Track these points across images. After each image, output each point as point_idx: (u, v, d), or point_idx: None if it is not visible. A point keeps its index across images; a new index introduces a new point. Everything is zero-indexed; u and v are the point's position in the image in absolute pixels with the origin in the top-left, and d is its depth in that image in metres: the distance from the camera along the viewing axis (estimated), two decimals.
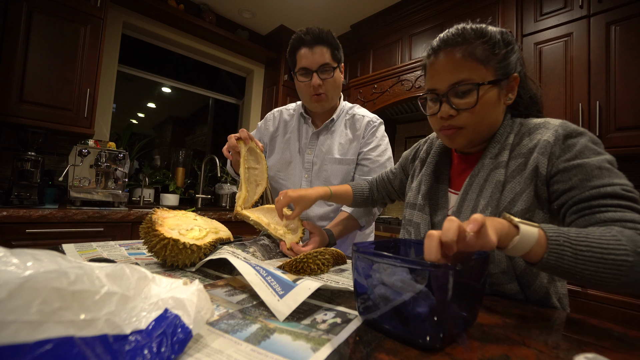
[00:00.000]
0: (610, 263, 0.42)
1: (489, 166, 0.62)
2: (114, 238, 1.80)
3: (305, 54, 1.01)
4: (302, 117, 1.15)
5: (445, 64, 0.60)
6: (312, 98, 1.05)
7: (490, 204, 0.59)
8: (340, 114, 1.14)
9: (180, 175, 2.72)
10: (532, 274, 0.58)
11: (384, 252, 0.39)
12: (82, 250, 0.71)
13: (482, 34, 0.58)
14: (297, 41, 1.02)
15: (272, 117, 1.21)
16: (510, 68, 0.60)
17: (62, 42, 1.85)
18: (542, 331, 0.41)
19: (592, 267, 0.42)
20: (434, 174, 0.75)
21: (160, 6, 2.37)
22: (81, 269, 0.28)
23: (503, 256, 0.58)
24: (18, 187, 1.76)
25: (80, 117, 1.91)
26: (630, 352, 0.36)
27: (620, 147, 1.53)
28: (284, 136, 1.16)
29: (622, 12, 1.57)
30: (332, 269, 0.69)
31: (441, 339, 0.34)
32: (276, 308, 0.40)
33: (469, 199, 0.63)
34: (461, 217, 0.63)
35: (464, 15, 2.18)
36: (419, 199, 0.74)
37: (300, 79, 1.04)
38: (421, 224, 0.72)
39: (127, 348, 0.27)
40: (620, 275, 0.42)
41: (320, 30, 1.01)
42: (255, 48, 2.89)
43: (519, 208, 0.57)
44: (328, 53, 1.01)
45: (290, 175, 1.13)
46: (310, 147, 1.12)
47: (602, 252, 0.42)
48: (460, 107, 0.59)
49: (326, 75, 1.02)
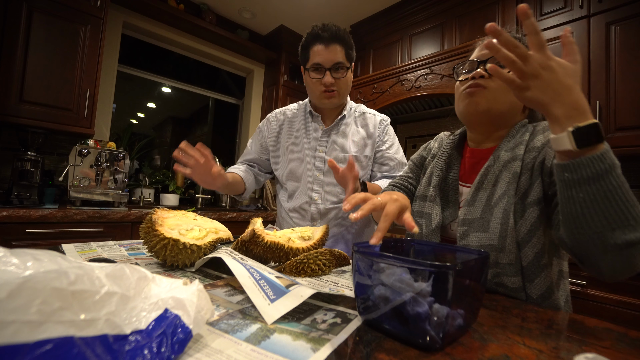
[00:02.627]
0: (620, 207, 0.43)
1: (504, 158, 0.64)
2: (114, 238, 1.80)
3: (320, 51, 1.00)
4: (310, 115, 1.14)
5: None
6: (323, 94, 1.04)
7: (507, 193, 0.61)
8: (349, 111, 1.14)
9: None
10: (537, 268, 0.59)
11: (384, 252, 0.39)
12: (82, 250, 0.71)
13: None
14: (313, 37, 1.01)
15: (275, 118, 1.19)
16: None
17: (62, 42, 1.85)
18: (542, 331, 0.41)
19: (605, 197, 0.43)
20: (446, 166, 0.75)
21: (160, 6, 2.37)
22: (81, 269, 0.28)
23: (514, 246, 0.59)
24: (18, 187, 1.76)
25: (80, 117, 1.90)
26: (630, 352, 0.36)
27: (620, 147, 1.53)
28: (289, 137, 1.15)
29: (622, 12, 1.57)
30: (334, 270, 0.69)
31: (441, 339, 0.34)
32: (265, 312, 0.40)
33: (484, 188, 0.65)
34: (474, 205, 0.65)
35: (464, 15, 2.18)
36: (430, 190, 0.74)
37: (313, 75, 1.03)
38: (432, 214, 0.72)
39: (127, 348, 0.27)
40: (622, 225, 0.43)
41: (338, 28, 1.00)
42: (255, 48, 2.89)
43: (533, 198, 0.59)
44: (342, 52, 1.01)
45: (303, 175, 1.12)
46: (322, 145, 1.11)
47: (625, 197, 0.43)
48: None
49: (339, 74, 1.02)
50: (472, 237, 0.63)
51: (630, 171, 1.73)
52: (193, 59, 2.96)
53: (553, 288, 0.60)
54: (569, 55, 0.45)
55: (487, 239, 0.61)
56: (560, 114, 0.44)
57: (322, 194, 1.09)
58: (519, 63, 0.44)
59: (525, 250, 0.59)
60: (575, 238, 0.48)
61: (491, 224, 0.61)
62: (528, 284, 0.59)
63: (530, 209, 0.59)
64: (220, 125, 3.27)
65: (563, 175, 0.46)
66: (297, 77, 3.09)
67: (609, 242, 0.44)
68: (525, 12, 0.43)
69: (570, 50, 0.45)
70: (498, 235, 0.60)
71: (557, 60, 0.44)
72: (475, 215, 0.64)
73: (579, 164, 0.44)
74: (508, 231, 0.59)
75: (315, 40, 1.01)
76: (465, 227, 0.64)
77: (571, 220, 0.47)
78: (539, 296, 0.59)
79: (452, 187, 0.73)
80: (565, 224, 0.49)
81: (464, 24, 2.18)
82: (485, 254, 0.41)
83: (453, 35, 2.22)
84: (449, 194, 0.73)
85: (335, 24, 1.01)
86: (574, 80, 0.44)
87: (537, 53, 0.44)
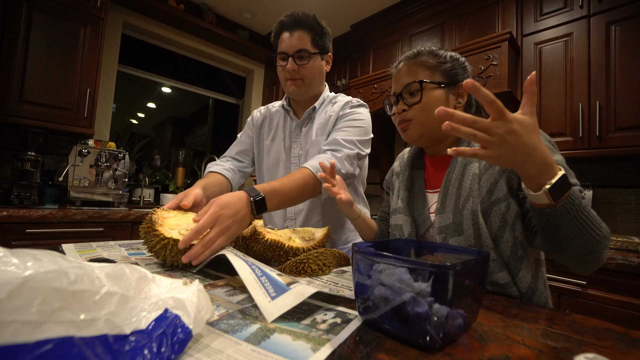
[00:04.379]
0: (590, 234, 0.50)
1: (462, 162, 0.70)
2: (114, 238, 1.80)
3: (285, 38, 0.98)
4: (284, 109, 1.10)
5: (403, 71, 0.75)
6: (288, 82, 1.01)
7: (471, 194, 0.65)
8: (323, 101, 1.07)
9: (180, 175, 2.72)
10: (517, 260, 0.63)
11: (384, 252, 0.39)
12: (82, 250, 0.71)
13: (432, 52, 0.74)
14: (280, 24, 1.00)
15: (259, 114, 1.16)
16: (457, 78, 0.72)
17: (62, 42, 1.85)
18: (542, 331, 0.41)
19: (578, 230, 0.50)
20: (410, 179, 0.81)
21: (160, 6, 2.37)
22: (81, 269, 0.28)
23: (491, 243, 0.63)
24: (18, 187, 1.76)
25: (80, 117, 1.91)
26: (630, 352, 0.36)
27: (620, 147, 1.53)
28: (269, 133, 1.11)
29: (622, 12, 1.57)
30: (334, 270, 0.69)
31: (441, 339, 0.34)
32: (266, 309, 0.40)
33: (450, 193, 0.69)
34: (445, 211, 0.68)
35: (464, 15, 2.18)
36: (399, 203, 0.79)
37: (278, 62, 1.01)
38: (403, 225, 0.76)
39: (127, 348, 0.27)
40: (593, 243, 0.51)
41: (303, 14, 0.97)
42: (255, 48, 2.89)
43: (497, 196, 0.63)
44: (308, 38, 0.97)
45: (280, 173, 1.06)
46: (296, 140, 1.05)
47: (592, 224, 0.50)
48: (409, 103, 0.72)
49: (303, 62, 0.98)
50: (452, 242, 0.66)
51: (630, 171, 1.73)
52: (193, 59, 2.96)
53: (536, 278, 0.64)
54: (527, 105, 0.46)
55: (465, 241, 0.64)
56: (534, 172, 0.47)
57: None
58: (481, 135, 0.44)
59: (501, 245, 0.63)
60: (552, 251, 0.55)
61: (464, 226, 0.65)
62: (515, 278, 0.63)
63: (496, 207, 0.63)
64: (220, 125, 3.28)
65: (541, 219, 0.52)
66: None
67: (586, 256, 0.52)
68: (473, 86, 0.43)
69: (530, 101, 0.46)
70: (473, 235, 0.63)
71: (518, 120, 0.44)
72: (448, 221, 0.67)
73: (554, 213, 0.49)
74: (481, 230, 0.63)
75: (281, 27, 0.99)
76: (443, 234, 0.68)
77: (552, 244, 0.53)
78: (528, 288, 0.62)
79: (419, 195, 0.78)
80: (543, 241, 0.56)
81: (464, 24, 2.18)
82: (485, 253, 0.41)
83: (453, 35, 2.22)
84: (417, 201, 0.78)
85: (303, 11, 0.98)
86: (536, 136, 0.46)
87: (498, 120, 0.44)
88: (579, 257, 0.53)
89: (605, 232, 0.52)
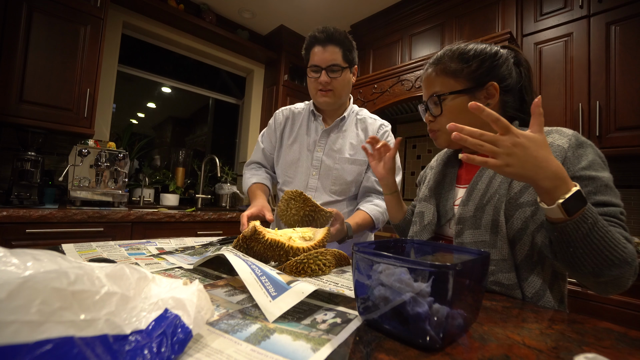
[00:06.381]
0: (604, 254, 0.50)
1: None
2: (114, 238, 1.80)
3: (318, 52, 1.04)
4: (312, 114, 1.17)
5: (426, 79, 0.76)
6: (319, 93, 1.08)
7: (498, 192, 0.64)
8: (350, 113, 1.16)
9: (180, 175, 2.72)
10: (530, 265, 0.61)
11: (384, 252, 0.39)
12: (82, 250, 0.71)
13: (455, 54, 0.71)
14: (312, 39, 1.06)
15: (281, 114, 1.23)
16: (485, 78, 0.69)
17: (62, 42, 1.85)
18: (542, 331, 0.41)
19: (591, 249, 0.50)
20: (442, 172, 0.82)
21: (160, 6, 2.37)
22: (81, 269, 0.28)
23: (505, 242, 0.62)
24: (18, 187, 1.76)
25: (80, 117, 1.90)
26: (630, 352, 0.36)
27: (620, 147, 1.53)
28: (291, 133, 1.18)
29: (622, 12, 1.57)
30: (334, 270, 0.69)
31: (441, 339, 0.34)
32: (267, 309, 0.40)
33: (478, 189, 0.68)
34: (469, 204, 0.68)
35: (464, 15, 2.18)
36: (426, 192, 0.80)
37: (311, 74, 1.08)
38: (425, 212, 0.77)
39: (127, 348, 0.27)
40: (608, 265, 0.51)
41: (335, 30, 1.04)
42: (255, 48, 2.89)
43: (526, 199, 0.62)
44: (339, 53, 1.04)
45: (298, 172, 1.14)
46: (320, 144, 1.13)
47: (608, 245, 0.49)
48: (434, 114, 0.73)
49: (335, 75, 1.05)
50: (467, 234, 0.66)
51: (631, 171, 1.73)
52: (193, 59, 2.96)
53: (546, 287, 0.62)
54: (535, 125, 0.49)
55: (479, 235, 0.64)
56: (548, 186, 0.48)
57: (315, 194, 1.11)
58: (488, 146, 0.48)
59: (517, 247, 0.62)
60: (565, 267, 0.56)
61: (482, 220, 0.64)
62: (522, 282, 0.61)
63: (521, 209, 0.62)
64: (220, 125, 3.27)
65: (553, 233, 0.52)
66: (297, 77, 3.09)
67: (599, 277, 0.52)
68: (477, 108, 0.48)
69: (537, 121, 0.49)
70: (489, 231, 0.63)
71: (525, 135, 0.48)
72: (469, 213, 0.67)
73: (565, 228, 0.49)
74: (499, 228, 0.62)
75: (313, 42, 1.06)
76: (461, 225, 0.67)
77: (565, 259, 0.54)
78: (534, 294, 0.60)
79: (448, 187, 0.78)
80: (559, 259, 0.56)
81: (464, 24, 2.18)
82: (485, 253, 0.41)
83: (453, 35, 2.22)
84: (444, 193, 0.78)
85: (334, 27, 1.05)
86: (546, 150, 0.48)
87: (504, 135, 0.48)
88: (593, 277, 0.53)
89: (627, 257, 0.50)
